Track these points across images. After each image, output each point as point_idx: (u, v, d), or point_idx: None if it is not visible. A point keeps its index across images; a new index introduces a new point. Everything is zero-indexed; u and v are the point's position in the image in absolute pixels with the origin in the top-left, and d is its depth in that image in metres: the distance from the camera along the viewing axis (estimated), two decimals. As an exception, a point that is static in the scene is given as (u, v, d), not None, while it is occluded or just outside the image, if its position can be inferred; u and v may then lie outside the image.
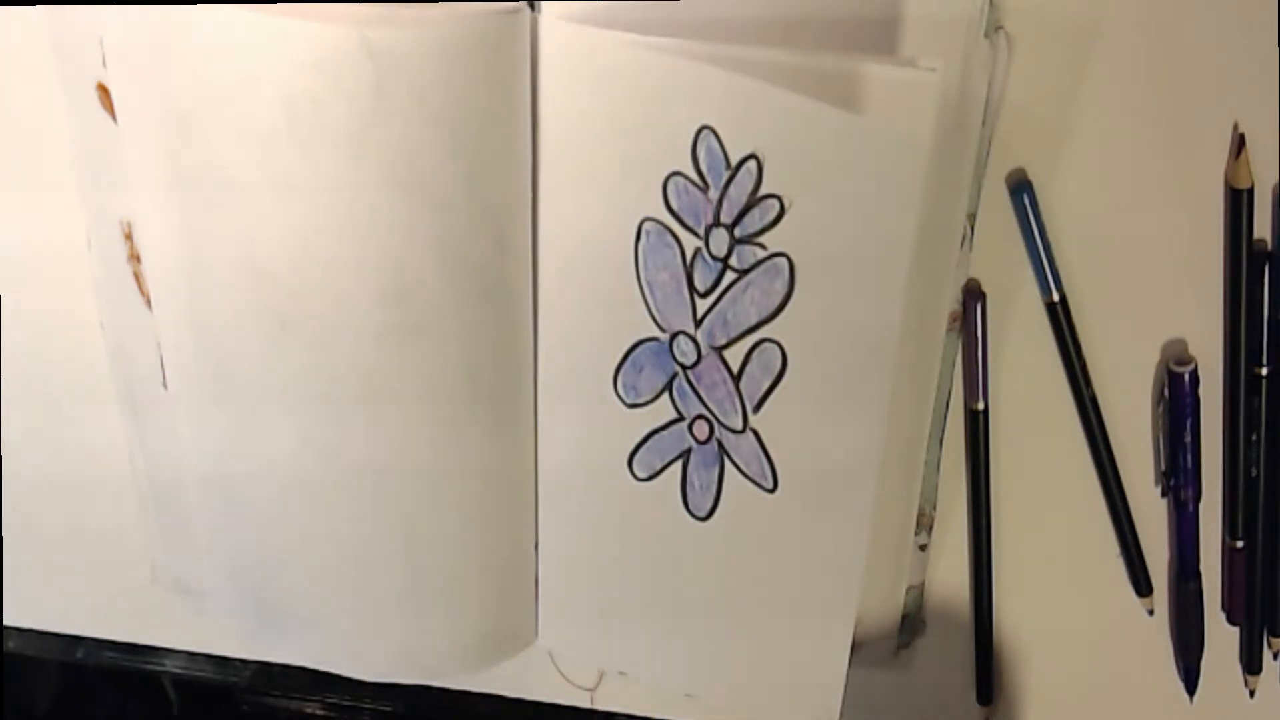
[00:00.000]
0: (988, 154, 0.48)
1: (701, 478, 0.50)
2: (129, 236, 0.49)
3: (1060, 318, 0.50)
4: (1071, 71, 0.47)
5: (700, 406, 0.49)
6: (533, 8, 0.44)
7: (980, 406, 0.51)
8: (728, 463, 0.50)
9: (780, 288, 0.46)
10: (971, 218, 0.49)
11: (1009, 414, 0.52)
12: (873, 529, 0.52)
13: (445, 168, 0.45)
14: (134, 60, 0.44)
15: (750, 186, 0.45)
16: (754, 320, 0.47)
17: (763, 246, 0.46)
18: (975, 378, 0.51)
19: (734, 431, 0.49)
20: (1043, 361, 0.51)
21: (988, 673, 0.56)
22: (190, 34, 0.43)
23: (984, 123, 0.47)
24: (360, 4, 0.42)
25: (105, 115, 0.47)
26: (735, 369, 0.48)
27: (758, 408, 0.48)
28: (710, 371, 0.49)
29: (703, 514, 0.51)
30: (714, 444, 0.50)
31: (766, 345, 0.47)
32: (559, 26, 0.44)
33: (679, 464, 0.51)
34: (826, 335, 0.47)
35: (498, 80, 0.44)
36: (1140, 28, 0.46)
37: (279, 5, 0.43)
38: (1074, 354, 0.50)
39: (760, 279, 0.46)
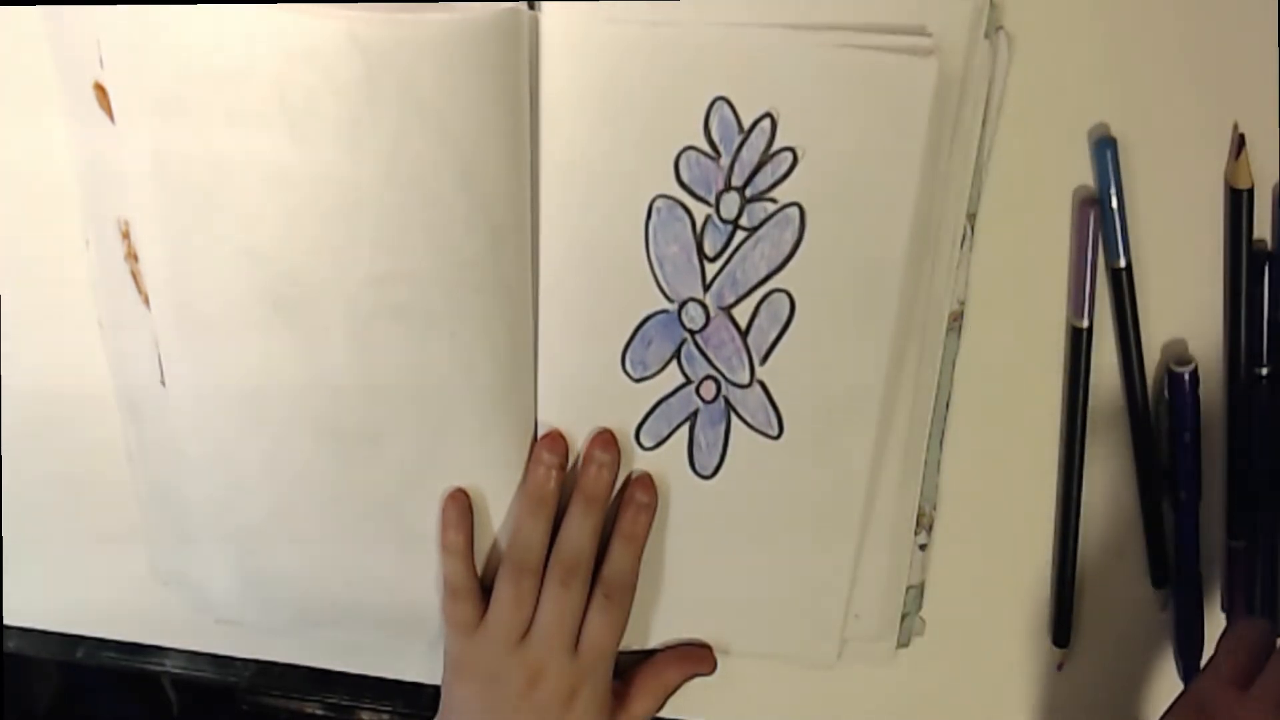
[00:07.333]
0: (988, 154, 0.48)
1: (708, 436, 0.51)
2: (126, 235, 0.49)
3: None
4: (1071, 71, 0.47)
5: (708, 368, 0.50)
6: (532, 7, 0.44)
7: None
8: (734, 418, 0.50)
9: (790, 237, 0.47)
10: (971, 218, 0.49)
11: (1011, 414, 0.52)
12: (872, 529, 0.53)
13: (437, 161, 0.45)
14: (130, 59, 0.45)
15: (763, 145, 0.46)
16: (763, 274, 0.48)
17: (774, 201, 0.46)
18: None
19: (741, 386, 0.50)
20: (1044, 361, 0.51)
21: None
22: (185, 28, 0.44)
23: (984, 123, 0.47)
24: (360, 3, 0.43)
25: (103, 115, 0.46)
26: (744, 325, 0.49)
27: (765, 359, 0.49)
28: (719, 332, 0.49)
29: (708, 472, 0.52)
30: (721, 401, 0.50)
31: (775, 295, 0.48)
32: (562, 19, 0.44)
33: (685, 427, 0.51)
34: (834, 276, 0.47)
35: (493, 76, 0.44)
36: (1140, 28, 0.46)
37: (279, 5, 0.43)
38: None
39: (770, 232, 0.47)
